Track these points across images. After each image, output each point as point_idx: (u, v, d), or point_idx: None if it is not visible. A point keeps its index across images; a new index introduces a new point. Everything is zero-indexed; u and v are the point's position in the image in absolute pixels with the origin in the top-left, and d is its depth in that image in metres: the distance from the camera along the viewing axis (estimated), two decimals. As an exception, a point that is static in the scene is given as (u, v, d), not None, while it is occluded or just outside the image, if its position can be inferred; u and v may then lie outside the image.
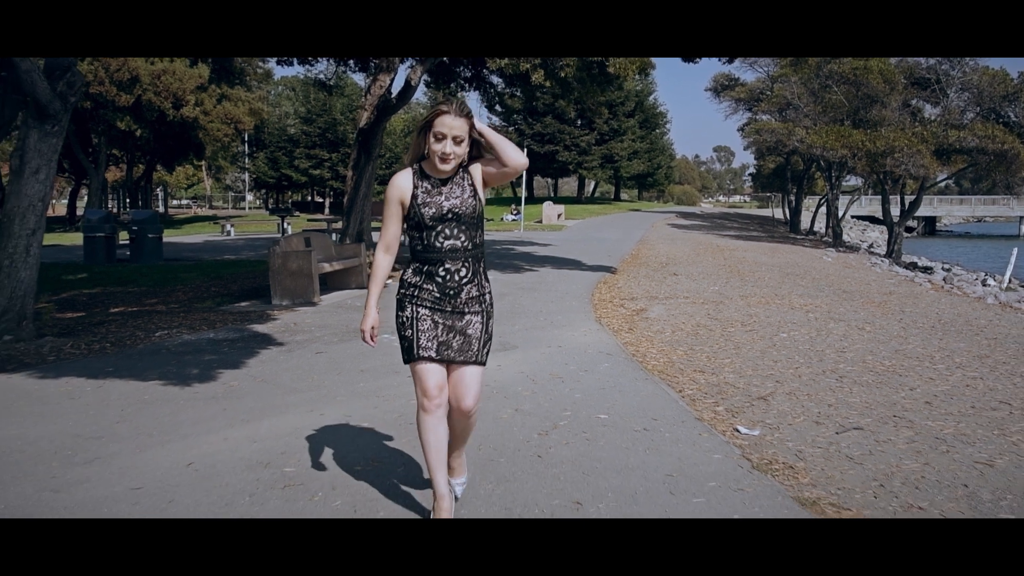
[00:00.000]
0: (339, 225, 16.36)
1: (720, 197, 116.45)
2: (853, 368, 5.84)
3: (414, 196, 2.67)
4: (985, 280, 18.65)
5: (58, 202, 66.27)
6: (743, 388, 5.16)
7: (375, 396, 4.71)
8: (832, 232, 28.85)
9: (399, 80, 14.04)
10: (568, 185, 76.82)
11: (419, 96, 13.97)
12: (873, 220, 51.73)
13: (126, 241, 17.61)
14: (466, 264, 2.69)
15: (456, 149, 2.61)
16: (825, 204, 31.02)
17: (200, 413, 4.37)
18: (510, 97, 25.45)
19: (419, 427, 2.77)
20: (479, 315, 2.73)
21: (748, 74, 35.13)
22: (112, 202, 42.91)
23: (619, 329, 7.53)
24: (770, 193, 51.51)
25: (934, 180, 25.40)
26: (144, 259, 15.87)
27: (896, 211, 26.54)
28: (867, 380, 5.44)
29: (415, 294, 2.71)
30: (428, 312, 2.69)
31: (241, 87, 34.81)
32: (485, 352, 2.76)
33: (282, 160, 46.12)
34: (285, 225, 24.14)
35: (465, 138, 2.61)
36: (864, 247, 29.89)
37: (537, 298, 9.59)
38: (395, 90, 13.11)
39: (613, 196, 68.94)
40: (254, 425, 4.11)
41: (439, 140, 2.60)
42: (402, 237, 2.79)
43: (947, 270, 21.80)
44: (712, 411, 4.54)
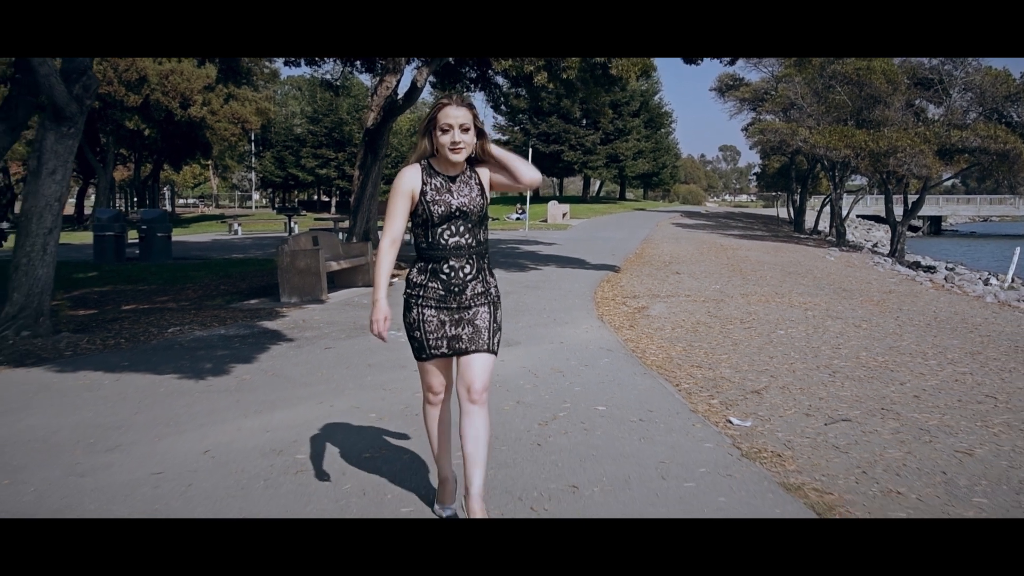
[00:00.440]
0: (346, 224, 16.58)
1: (726, 196, 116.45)
2: (846, 364, 6.00)
3: (423, 192, 2.67)
4: (988, 279, 18.71)
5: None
6: (738, 382, 5.33)
7: (382, 389, 4.89)
8: (836, 231, 28.94)
9: (405, 81, 14.22)
10: (573, 184, 76.95)
11: (425, 96, 14.14)
12: (878, 219, 51.71)
13: (135, 240, 17.86)
14: (470, 261, 2.71)
15: (465, 137, 2.62)
16: (829, 204, 31.13)
17: (214, 404, 4.56)
18: (515, 97, 25.61)
19: (425, 417, 2.87)
20: (486, 306, 2.74)
21: (753, 74, 35.26)
22: (120, 201, 43.26)
23: (620, 326, 7.70)
24: (775, 192, 51.59)
25: (937, 180, 25.46)
26: (153, 258, 16.09)
27: (900, 211, 26.65)
28: (859, 375, 5.60)
29: (420, 294, 2.72)
30: (434, 312, 2.71)
31: (248, 87, 35.08)
32: (496, 341, 2.76)
33: (288, 159, 46.42)
34: (292, 224, 24.35)
35: (471, 126, 2.63)
36: (868, 246, 29.97)
37: (541, 296, 9.76)
38: (401, 91, 13.30)
39: (618, 195, 69.04)
40: (266, 416, 4.30)
41: (446, 131, 2.62)
42: (406, 235, 2.81)
43: (950, 269, 21.83)
44: (707, 404, 4.71)
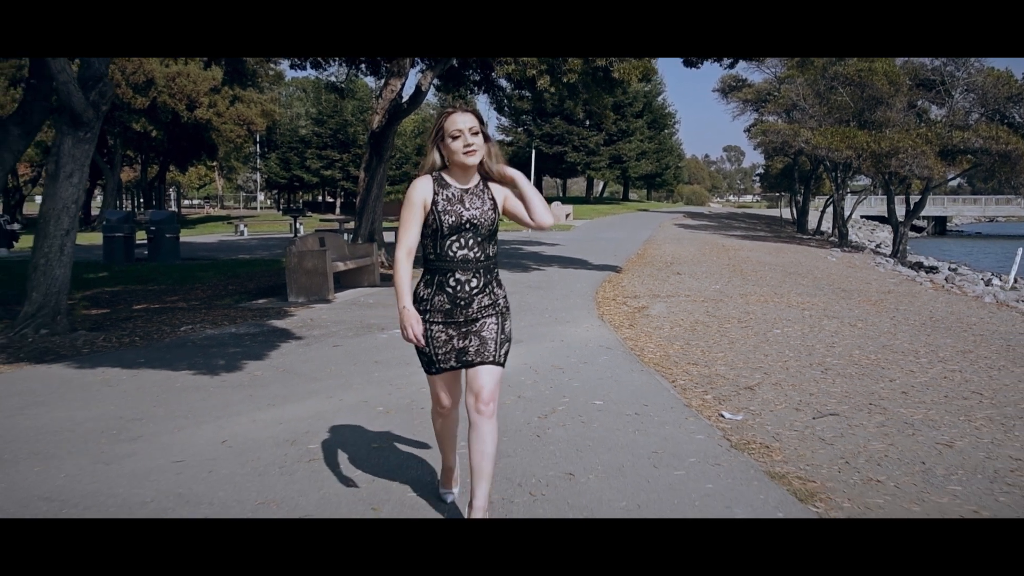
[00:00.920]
0: (351, 225, 16.79)
1: (730, 197, 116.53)
2: (839, 361, 6.18)
3: (435, 202, 2.68)
4: (990, 280, 18.80)
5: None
6: (732, 379, 5.51)
7: (389, 384, 5.10)
8: (838, 232, 29.09)
9: (410, 85, 14.43)
10: (577, 185, 77.14)
11: (430, 98, 14.33)
12: (882, 220, 51.73)
13: (143, 241, 18.12)
14: (477, 275, 2.70)
15: (476, 139, 2.65)
16: (832, 204, 31.27)
17: (229, 398, 4.76)
18: (519, 99, 25.83)
19: (434, 422, 2.97)
20: (493, 316, 2.74)
21: (755, 75, 35.31)
22: (126, 202, 43.57)
23: (620, 325, 7.88)
24: (779, 193, 51.70)
25: (939, 181, 25.57)
26: (162, 258, 16.32)
27: (903, 212, 26.79)
28: (850, 372, 5.78)
29: (427, 308, 2.72)
30: (441, 328, 2.71)
31: (253, 89, 35.33)
32: (503, 352, 2.76)
33: (294, 161, 46.70)
34: (298, 225, 24.57)
35: (479, 129, 2.67)
36: (870, 247, 30.11)
37: (543, 296, 9.95)
38: (406, 94, 13.52)
39: (622, 196, 69.21)
40: (279, 409, 4.50)
41: (457, 138, 2.64)
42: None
43: (953, 270, 21.91)
44: (701, 399, 4.90)
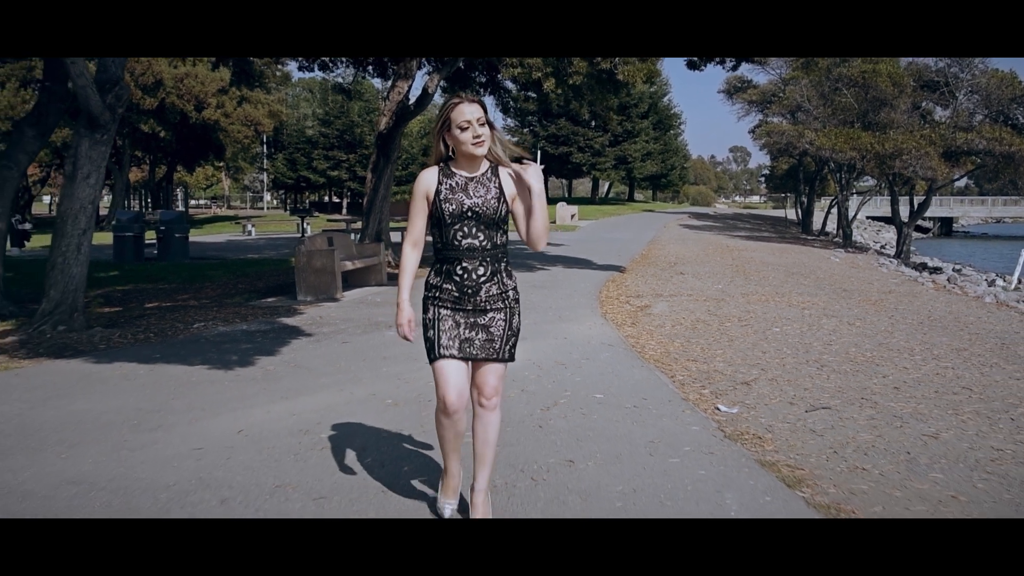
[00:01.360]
0: (358, 225, 17.00)
1: (736, 197, 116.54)
2: (835, 359, 6.34)
3: (438, 192, 2.70)
4: (994, 280, 18.85)
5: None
6: (730, 375, 5.68)
7: (397, 379, 5.28)
8: (842, 233, 29.18)
9: (416, 87, 14.62)
10: (583, 186, 77.30)
11: (436, 100, 14.48)
12: (888, 221, 51.68)
13: (152, 240, 18.36)
14: (484, 263, 2.70)
15: (483, 130, 2.65)
16: (836, 205, 31.36)
17: (243, 391, 4.95)
18: (524, 100, 26.01)
19: (437, 425, 2.83)
20: (502, 312, 2.76)
21: (760, 76, 35.41)
22: (134, 202, 43.92)
23: (622, 323, 8.05)
24: (784, 194, 51.76)
25: (943, 182, 25.63)
26: (171, 257, 16.56)
27: (907, 212, 26.87)
28: (845, 369, 5.94)
29: (436, 295, 2.74)
30: (449, 313, 2.73)
31: (261, 90, 35.61)
32: (508, 348, 2.80)
33: (300, 161, 47.02)
34: (305, 225, 24.81)
35: (485, 119, 2.67)
36: (875, 248, 30.18)
37: (547, 295, 10.11)
38: (413, 96, 13.72)
39: (627, 197, 69.34)
40: (292, 402, 4.69)
41: (465, 129, 2.64)
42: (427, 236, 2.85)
43: (957, 271, 21.94)
44: (698, 393, 5.07)
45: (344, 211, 45.13)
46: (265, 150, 49.17)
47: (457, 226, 2.68)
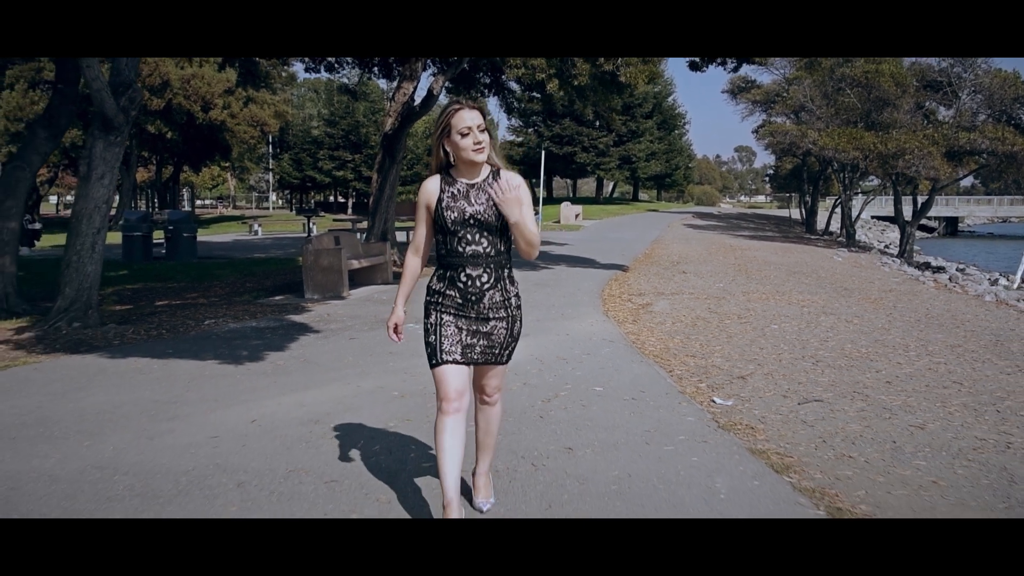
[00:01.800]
0: (363, 225, 17.18)
1: (742, 197, 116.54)
2: (830, 355, 6.48)
3: (439, 200, 2.71)
4: (997, 280, 18.91)
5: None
6: (727, 370, 5.83)
7: (403, 373, 5.45)
8: (846, 232, 29.28)
9: (422, 88, 14.80)
10: (587, 185, 77.39)
11: (441, 99, 14.65)
12: (893, 221, 51.64)
13: (160, 240, 18.59)
14: (488, 270, 2.70)
15: (484, 136, 2.66)
16: (840, 205, 31.46)
17: (254, 385, 5.13)
18: (529, 101, 26.18)
19: (436, 429, 2.78)
20: (504, 320, 2.76)
21: (764, 76, 35.50)
22: (140, 202, 44.22)
23: (624, 321, 8.21)
24: (789, 194, 51.81)
25: (946, 181, 25.72)
26: (179, 257, 16.77)
27: (911, 212, 26.96)
28: (840, 364, 6.08)
29: (439, 300, 2.75)
30: (452, 319, 2.73)
31: (267, 90, 35.83)
32: (508, 353, 2.84)
33: (306, 161, 47.26)
34: (311, 225, 25.01)
35: (484, 125, 2.68)
36: (878, 247, 30.26)
37: (551, 293, 10.27)
38: (418, 97, 13.89)
39: (632, 197, 69.45)
40: (301, 394, 4.86)
41: (466, 135, 2.64)
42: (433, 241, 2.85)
43: (961, 270, 21.97)
44: (695, 387, 5.22)
45: (349, 211, 45.37)
46: (271, 150, 49.40)
47: (460, 233, 2.69)
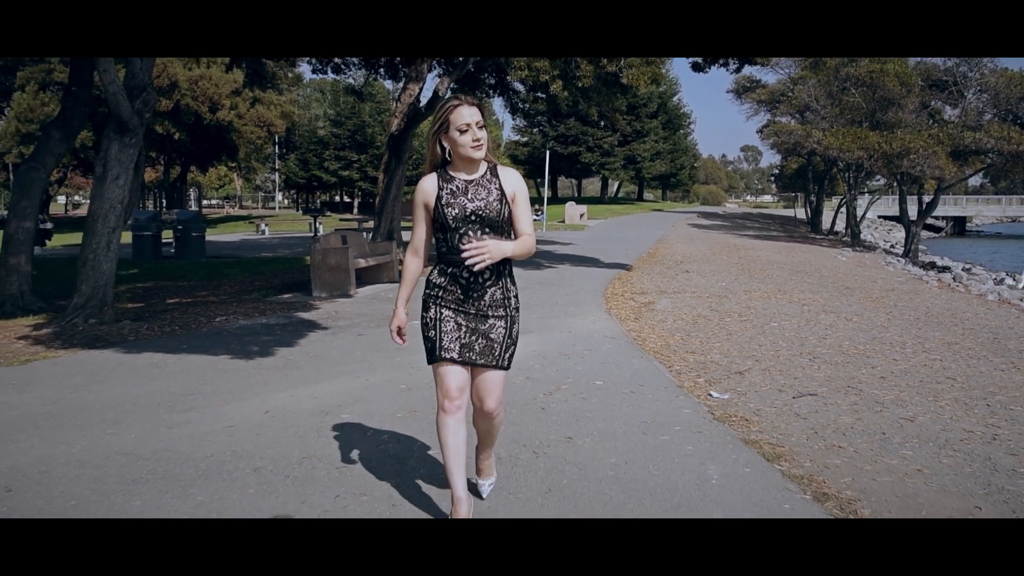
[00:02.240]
0: (369, 224, 17.38)
1: (748, 197, 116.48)
2: (828, 351, 6.63)
3: (438, 198, 2.68)
4: (1003, 279, 18.95)
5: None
6: (725, 365, 5.98)
7: (410, 367, 5.61)
8: (850, 232, 29.35)
9: (427, 89, 14.97)
10: (592, 185, 77.51)
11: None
12: (899, 220, 51.53)
13: (168, 239, 18.82)
14: (490, 267, 2.67)
15: (482, 133, 2.65)
16: (845, 204, 31.53)
17: (266, 378, 5.30)
18: (534, 101, 26.33)
19: (438, 428, 2.80)
20: (503, 319, 2.74)
21: (769, 76, 35.66)
22: (148, 202, 44.56)
23: (626, 318, 8.36)
24: (795, 193, 51.81)
25: (952, 181, 25.78)
26: (188, 256, 16.98)
27: (916, 212, 27.02)
28: (836, 360, 6.23)
29: (439, 295, 2.74)
30: (452, 314, 2.73)
31: (273, 91, 36.08)
32: (508, 356, 2.77)
33: (312, 161, 47.55)
34: (317, 225, 25.22)
35: (483, 122, 2.67)
36: (883, 247, 30.32)
37: (554, 292, 10.43)
38: (424, 99, 14.07)
39: (636, 196, 69.54)
40: (312, 387, 5.04)
41: (464, 132, 2.62)
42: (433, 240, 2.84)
43: (967, 270, 22.00)
44: (693, 381, 5.38)
45: (355, 210, 45.62)
46: (277, 150, 49.70)
47: (462, 230, 2.67)
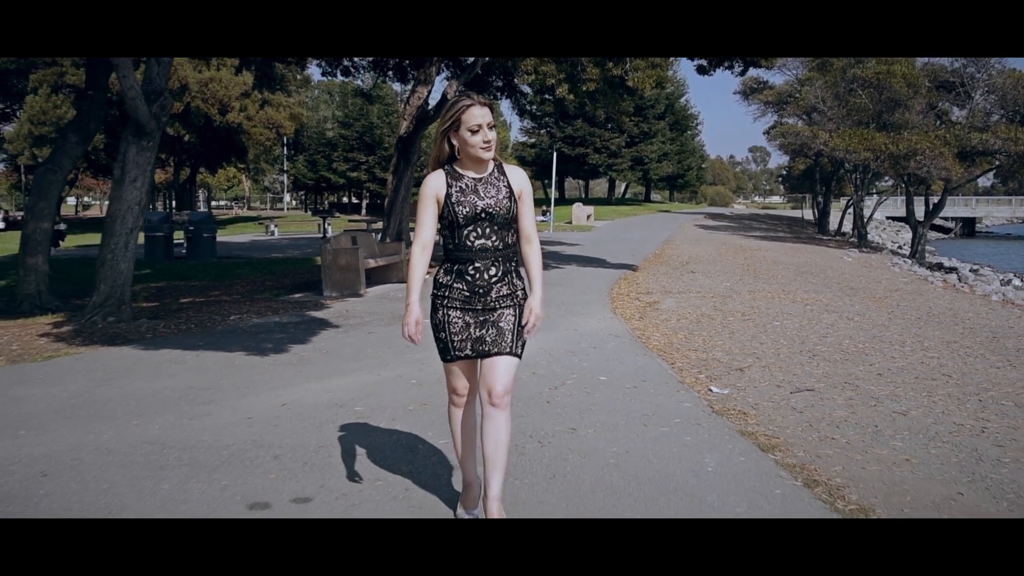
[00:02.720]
0: (377, 225, 17.58)
1: (756, 198, 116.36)
2: (827, 349, 6.78)
3: (448, 195, 2.68)
4: (1010, 280, 18.97)
5: (102, 203, 68.99)
6: (726, 362, 6.14)
7: (421, 363, 5.79)
8: (857, 233, 29.41)
9: (435, 92, 15.17)
10: (599, 186, 77.63)
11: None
12: (906, 221, 51.41)
13: (179, 240, 19.08)
14: (496, 264, 2.71)
15: (492, 134, 2.66)
16: (852, 205, 31.58)
17: (281, 373, 5.49)
18: (541, 103, 26.52)
19: (450, 419, 2.93)
20: (512, 308, 2.75)
21: (776, 77, 35.65)
22: (159, 203, 44.96)
23: (630, 317, 8.52)
24: (804, 194, 51.81)
25: (958, 182, 25.81)
26: (200, 257, 17.23)
27: (924, 212, 27.06)
28: (836, 358, 6.38)
29: (446, 295, 2.75)
30: (459, 314, 2.74)
31: (282, 93, 36.39)
32: (520, 344, 2.79)
33: (320, 163, 47.86)
34: (326, 226, 25.46)
35: (493, 123, 2.67)
36: (890, 248, 30.34)
37: (561, 292, 10.60)
38: (432, 101, 14.25)
39: (644, 198, 69.63)
40: (326, 381, 5.22)
41: (476, 132, 2.63)
42: (436, 237, 2.85)
43: (974, 271, 21.99)
44: (694, 377, 5.54)
45: (363, 212, 45.91)
46: (286, 152, 50.02)
47: (471, 227, 2.69)
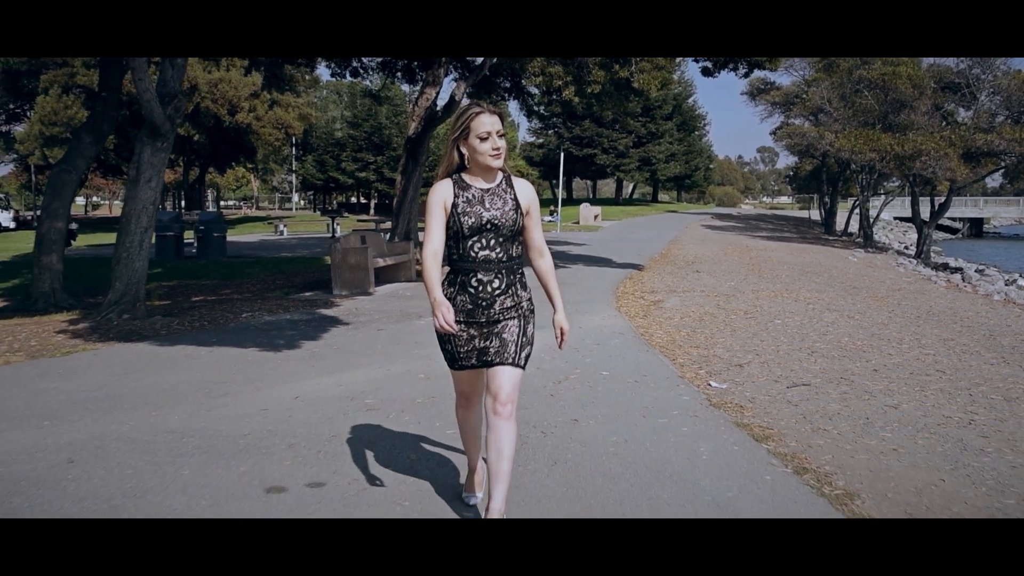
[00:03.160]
0: (386, 225, 17.77)
1: (764, 198, 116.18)
2: (826, 347, 6.92)
3: (455, 204, 2.67)
4: (1015, 280, 19.03)
5: (112, 203, 69.41)
6: (726, 359, 6.29)
7: (428, 359, 5.97)
8: (863, 233, 29.46)
9: (444, 93, 15.36)
10: (607, 186, 77.69)
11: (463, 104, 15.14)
12: (912, 221, 51.30)
13: (190, 240, 19.32)
14: (499, 276, 2.69)
15: (502, 142, 2.66)
16: (858, 206, 31.63)
17: (294, 368, 5.68)
18: (548, 104, 26.71)
19: (457, 416, 3.01)
20: (515, 319, 2.74)
21: (783, 78, 35.72)
22: (168, 203, 45.30)
23: (634, 315, 8.68)
24: (811, 195, 51.79)
25: (964, 182, 25.85)
26: (210, 256, 17.46)
27: (930, 213, 27.11)
28: (834, 355, 6.52)
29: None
30: (463, 327, 2.72)
31: (291, 93, 36.65)
32: (524, 356, 2.74)
33: (329, 163, 48.14)
34: (335, 225, 25.68)
35: (503, 131, 2.66)
36: (895, 248, 30.38)
37: (566, 291, 10.69)
38: (440, 102, 14.44)
39: (652, 198, 69.70)
40: (337, 376, 5.40)
41: (485, 139, 2.63)
42: None
43: (980, 271, 22.01)
44: (694, 373, 5.69)
45: (372, 212, 46.17)
46: (295, 152, 50.31)
47: (475, 238, 2.68)
